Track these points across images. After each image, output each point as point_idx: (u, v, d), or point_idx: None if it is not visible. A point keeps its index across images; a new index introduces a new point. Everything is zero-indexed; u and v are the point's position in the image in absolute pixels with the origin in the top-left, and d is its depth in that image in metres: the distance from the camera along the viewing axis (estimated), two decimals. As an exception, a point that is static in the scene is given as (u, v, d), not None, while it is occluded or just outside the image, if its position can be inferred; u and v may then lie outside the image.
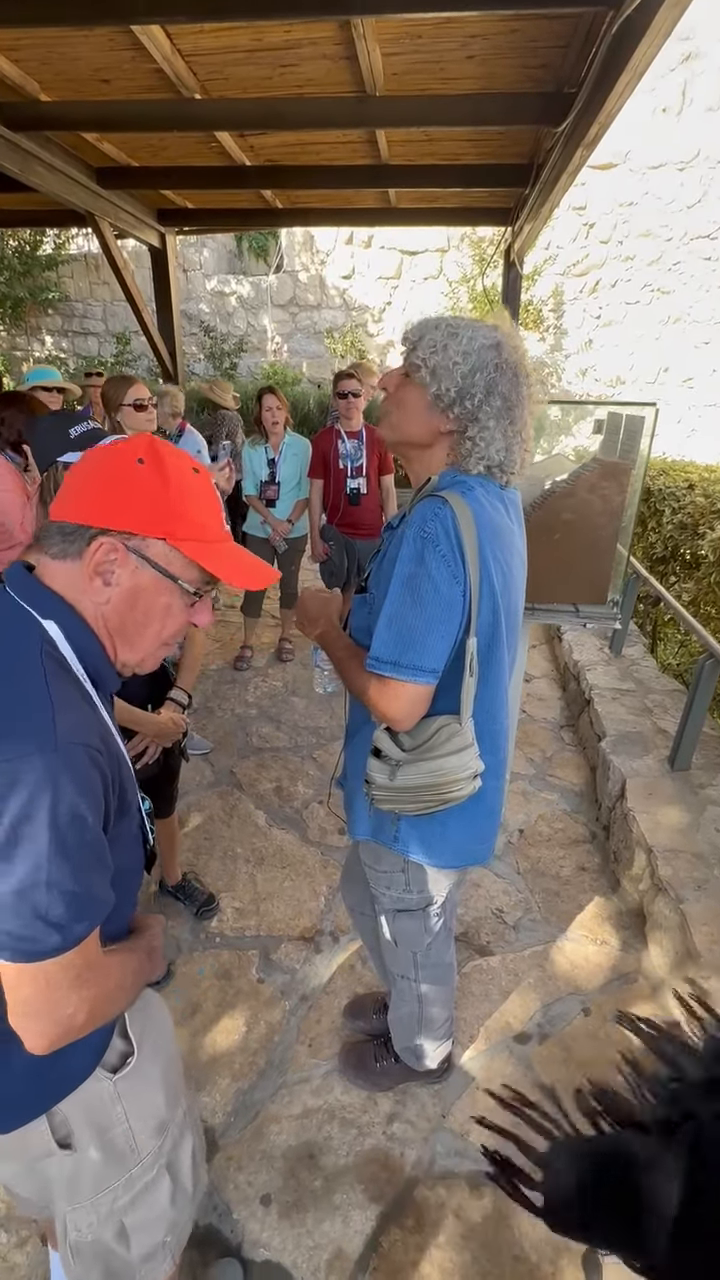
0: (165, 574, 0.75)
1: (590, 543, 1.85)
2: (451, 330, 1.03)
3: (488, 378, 1.02)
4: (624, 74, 2.18)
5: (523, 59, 2.75)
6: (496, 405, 1.03)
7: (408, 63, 2.80)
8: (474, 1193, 1.44)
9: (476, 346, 1.02)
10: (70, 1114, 0.83)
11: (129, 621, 0.77)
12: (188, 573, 0.77)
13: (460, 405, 1.03)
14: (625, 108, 2.50)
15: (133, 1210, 0.88)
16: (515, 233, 4.64)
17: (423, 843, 1.21)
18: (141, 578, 0.75)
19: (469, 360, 1.01)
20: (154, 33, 2.54)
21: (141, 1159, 0.88)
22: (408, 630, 0.99)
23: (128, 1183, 0.87)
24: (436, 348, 1.02)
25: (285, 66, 2.85)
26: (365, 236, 8.54)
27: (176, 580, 0.76)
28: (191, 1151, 0.98)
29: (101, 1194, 0.86)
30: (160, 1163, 0.91)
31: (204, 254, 9.19)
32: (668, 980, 1.86)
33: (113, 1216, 0.87)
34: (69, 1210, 0.86)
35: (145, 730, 1.68)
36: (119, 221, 4.58)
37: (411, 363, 1.06)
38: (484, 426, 1.03)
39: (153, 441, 0.77)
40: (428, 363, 1.03)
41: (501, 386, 1.03)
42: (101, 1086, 0.84)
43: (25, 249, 8.93)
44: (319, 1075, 1.67)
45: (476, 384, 1.02)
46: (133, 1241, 0.89)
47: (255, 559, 0.86)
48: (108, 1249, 0.88)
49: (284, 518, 3.65)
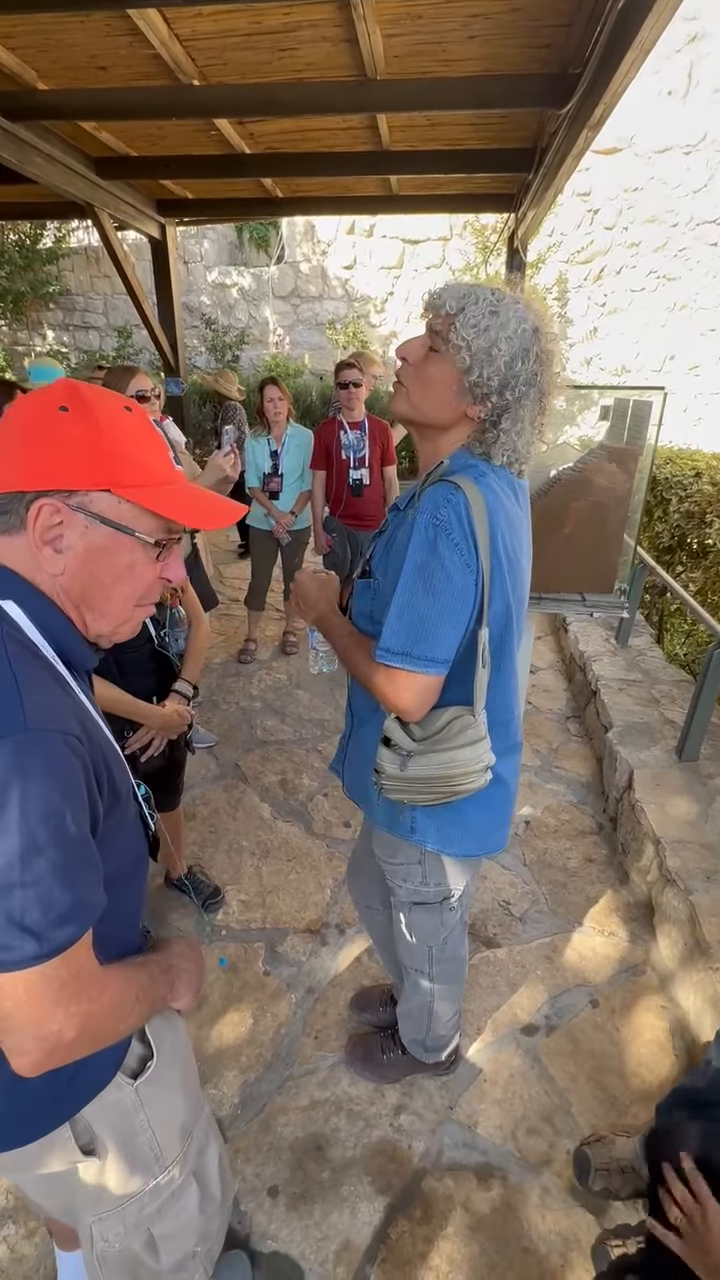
0: (119, 528, 0.68)
1: (597, 531, 1.83)
2: (493, 309, 0.94)
3: (529, 368, 0.96)
4: (630, 51, 2.13)
5: (526, 39, 2.69)
6: (533, 396, 0.98)
7: (409, 44, 2.76)
8: (482, 1184, 1.44)
9: (520, 331, 0.95)
10: (93, 1121, 0.80)
11: (91, 588, 0.70)
12: (142, 522, 0.70)
13: (499, 395, 0.97)
14: (630, 90, 2.45)
15: (160, 1219, 0.86)
16: (519, 219, 4.58)
17: (441, 832, 1.18)
18: (94, 537, 0.68)
19: (512, 346, 0.94)
20: (151, 17, 2.50)
21: (167, 1166, 0.86)
22: (419, 620, 0.96)
23: (154, 1191, 0.85)
24: (479, 328, 0.93)
25: (284, 50, 2.81)
26: (367, 225, 8.46)
27: (133, 533, 0.69)
28: (218, 1157, 0.96)
29: (128, 1203, 0.84)
30: (187, 1169, 0.89)
31: (204, 245, 9.12)
32: (676, 973, 1.84)
33: (140, 1226, 0.85)
34: (95, 1221, 0.84)
35: (150, 723, 1.67)
36: (118, 212, 4.55)
37: (449, 339, 0.95)
38: (518, 419, 0.98)
39: (72, 384, 0.69)
40: (469, 341, 0.94)
41: (540, 377, 0.98)
42: (123, 1093, 0.81)
43: (26, 243, 8.88)
44: (325, 1067, 1.67)
45: (519, 374, 0.96)
46: (162, 1251, 0.87)
47: (213, 496, 0.78)
48: (136, 1259, 0.86)
49: (287, 510, 3.62)
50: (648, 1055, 1.70)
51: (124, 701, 1.61)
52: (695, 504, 3.75)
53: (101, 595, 0.71)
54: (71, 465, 0.66)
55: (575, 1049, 1.72)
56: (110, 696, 1.57)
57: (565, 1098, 1.60)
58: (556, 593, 1.91)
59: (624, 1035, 1.75)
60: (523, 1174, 1.46)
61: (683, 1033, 1.74)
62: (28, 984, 0.60)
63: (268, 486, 3.58)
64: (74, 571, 0.69)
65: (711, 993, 1.63)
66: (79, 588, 0.70)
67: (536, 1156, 1.49)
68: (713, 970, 1.64)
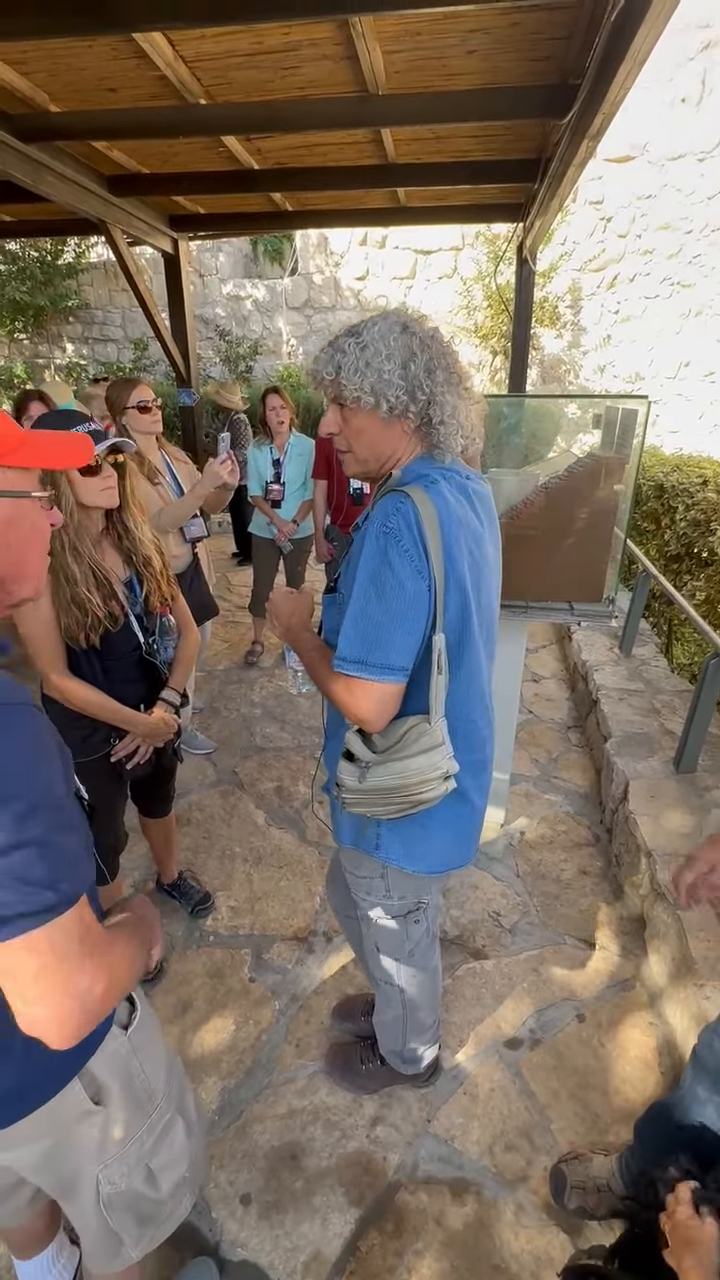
0: (16, 495, 0.73)
1: (585, 540, 1.82)
2: (359, 342, 1.00)
3: (422, 361, 1.00)
4: (624, 62, 2.13)
5: (525, 51, 2.71)
6: (441, 378, 1.01)
7: (409, 60, 2.79)
8: (456, 1199, 1.42)
9: (392, 341, 1.00)
10: (98, 1072, 0.87)
11: (14, 560, 0.75)
12: (25, 482, 0.74)
13: (415, 400, 1.01)
14: (643, 99, 2.47)
15: (156, 1153, 0.95)
16: (527, 228, 4.59)
17: (405, 847, 1.19)
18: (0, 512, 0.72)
19: (395, 358, 0.99)
20: (155, 40, 2.56)
21: (158, 1104, 0.95)
22: (373, 628, 0.98)
23: (149, 1128, 0.94)
24: (360, 368, 0.99)
25: (287, 69, 2.86)
26: (379, 237, 8.54)
27: (29, 494, 0.74)
28: (190, 1090, 1.06)
29: (129, 1144, 0.91)
30: (172, 1104, 0.97)
31: (220, 259, 9.28)
32: (666, 989, 1.81)
33: (140, 1162, 0.93)
34: (101, 1169, 0.90)
35: (136, 730, 1.69)
36: (131, 228, 4.65)
37: (346, 396, 1.02)
38: (444, 404, 1.01)
39: None
40: (363, 386, 0.99)
41: (436, 360, 1.01)
42: (119, 1043, 0.89)
43: (47, 258, 9.11)
44: (305, 1076, 1.66)
45: (416, 372, 1.00)
46: (160, 1181, 0.95)
47: (62, 435, 0.83)
48: (138, 1194, 0.94)
49: (289, 518, 3.65)
50: (633, 1073, 1.67)
51: (109, 708, 1.63)
52: (701, 512, 3.71)
53: (22, 563, 0.76)
54: None
55: (559, 1064, 1.69)
56: (96, 702, 1.60)
57: (545, 1114, 1.58)
58: (544, 601, 1.90)
59: (609, 1051, 1.72)
60: (498, 1190, 1.44)
61: (670, 1051, 1.71)
62: (50, 940, 0.61)
63: (269, 495, 3.62)
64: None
65: (696, 1010, 1.59)
66: (3, 565, 0.74)
67: (513, 1173, 1.47)
68: (698, 987, 1.61)
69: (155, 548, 1.71)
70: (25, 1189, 1.01)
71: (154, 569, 1.69)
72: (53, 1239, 1.20)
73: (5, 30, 2.30)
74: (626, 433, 1.81)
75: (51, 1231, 1.19)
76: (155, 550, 1.70)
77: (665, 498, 4.12)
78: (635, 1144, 1.34)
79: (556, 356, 8.68)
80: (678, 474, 4.12)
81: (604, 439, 2.13)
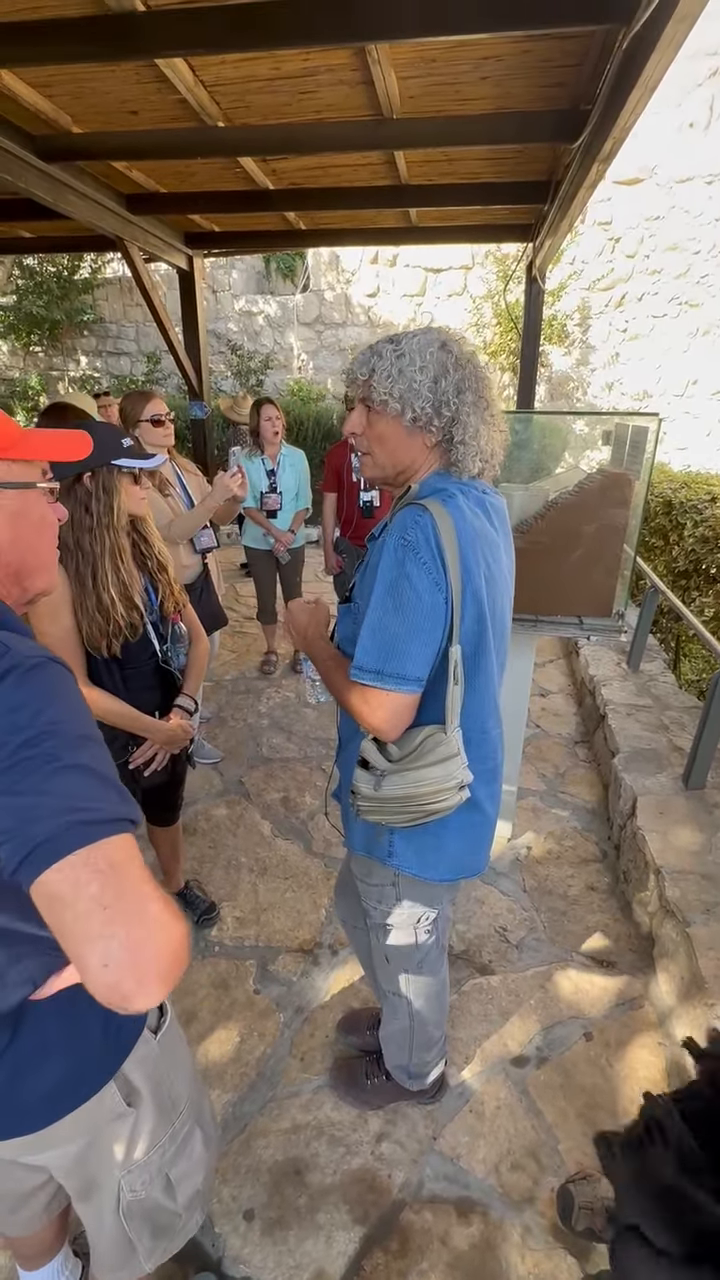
0: (23, 486, 0.75)
1: (594, 555, 1.83)
2: (396, 351, 1.03)
3: (453, 379, 1.02)
4: (635, 90, 2.18)
5: (537, 78, 2.77)
6: (470, 400, 1.03)
7: (423, 85, 2.86)
8: (462, 1219, 1.40)
9: (429, 355, 1.02)
10: (131, 1074, 0.88)
11: (25, 551, 0.77)
12: (30, 474, 0.77)
13: (439, 416, 1.03)
14: (652, 123, 2.51)
15: (176, 1162, 0.95)
16: (536, 248, 4.66)
17: (418, 856, 1.19)
18: (9, 504, 0.74)
19: (428, 372, 1.01)
20: (177, 65, 2.64)
21: (180, 1111, 0.95)
22: (390, 639, 0.99)
23: (171, 1136, 0.94)
24: (393, 374, 1.02)
25: (304, 93, 2.93)
26: (390, 255, 8.66)
27: (34, 485, 0.77)
28: (208, 1100, 1.06)
29: (153, 1151, 0.91)
30: (191, 1114, 0.97)
31: (233, 275, 9.43)
32: (675, 1009, 1.79)
33: (161, 1171, 0.93)
34: (124, 1175, 0.90)
35: (154, 737, 1.70)
36: (148, 245, 4.74)
37: (374, 399, 1.05)
38: (467, 425, 1.03)
39: None
40: (392, 392, 1.02)
41: (467, 381, 1.03)
42: (150, 1047, 0.90)
43: (63, 274, 9.28)
44: (309, 1090, 1.65)
45: (445, 389, 1.02)
46: (178, 1191, 0.95)
47: (58, 430, 0.86)
48: (156, 1204, 0.93)
49: (285, 529, 3.69)
50: (641, 1094, 1.65)
51: (128, 715, 1.64)
52: (710, 529, 3.72)
53: (35, 555, 0.78)
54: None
55: (566, 1083, 1.67)
56: (115, 710, 1.61)
57: (553, 1133, 1.56)
58: (554, 615, 1.91)
59: (617, 1071, 1.70)
60: (505, 1211, 1.42)
61: (679, 1072, 1.69)
62: (110, 858, 0.56)
63: (265, 505, 3.64)
64: (8, 544, 0.75)
65: (704, 1030, 1.57)
66: (17, 557, 0.76)
67: (520, 1193, 1.45)
68: (707, 1006, 1.59)
69: (166, 556, 1.74)
70: (43, 1194, 1.01)
71: (167, 576, 1.72)
72: (60, 1249, 1.19)
73: (34, 56, 2.38)
74: (637, 449, 1.82)
75: (60, 1241, 1.18)
76: (166, 558, 1.74)
77: (674, 514, 4.13)
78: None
79: (564, 373, 8.75)
80: (686, 491, 4.13)
81: (614, 455, 2.14)
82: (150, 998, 0.54)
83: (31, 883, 0.56)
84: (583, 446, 7.24)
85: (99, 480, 1.49)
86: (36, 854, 0.55)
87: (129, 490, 1.53)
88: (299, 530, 3.74)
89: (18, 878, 0.57)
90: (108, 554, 1.50)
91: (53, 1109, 0.81)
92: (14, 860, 0.56)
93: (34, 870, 0.56)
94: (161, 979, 0.55)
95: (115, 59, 2.53)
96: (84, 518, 1.49)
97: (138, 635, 1.60)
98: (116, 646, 1.56)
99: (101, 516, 1.50)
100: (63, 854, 0.55)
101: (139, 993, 0.54)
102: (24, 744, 0.59)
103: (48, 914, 0.56)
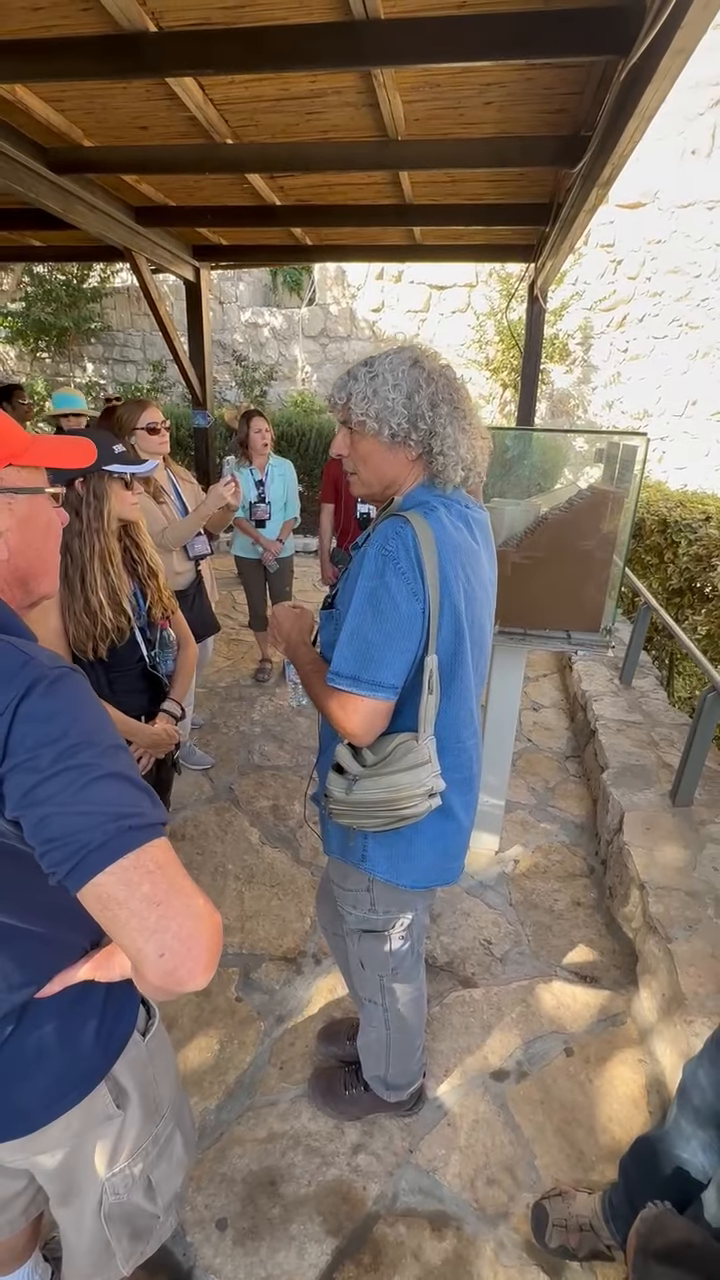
0: (33, 491, 0.76)
1: (583, 570, 1.85)
2: (370, 372, 1.07)
3: (426, 394, 1.05)
4: (633, 118, 2.24)
5: (539, 104, 2.84)
6: (445, 412, 1.06)
7: (428, 109, 2.92)
8: (435, 1234, 1.39)
9: (401, 374, 1.05)
10: (121, 1076, 0.88)
11: (33, 558, 0.78)
12: (38, 480, 0.78)
13: (416, 430, 1.06)
14: (655, 149, 2.57)
15: (157, 1165, 0.95)
16: (538, 269, 4.74)
17: (390, 862, 1.20)
18: (19, 510, 0.75)
19: (401, 389, 1.05)
20: (187, 84, 2.70)
21: (163, 1114, 0.95)
22: (367, 646, 1.01)
23: (154, 1139, 0.94)
24: (367, 395, 1.06)
25: (311, 113, 3.00)
26: (395, 271, 8.78)
27: (43, 491, 0.78)
28: (187, 1103, 1.06)
29: (137, 1153, 0.92)
30: (173, 1117, 0.97)
31: (240, 287, 9.55)
32: (656, 1025, 1.79)
33: (143, 1174, 0.93)
34: (109, 1177, 0.90)
35: (139, 741, 1.71)
36: (155, 257, 4.81)
37: (353, 420, 1.09)
38: (444, 436, 1.06)
39: None
40: (369, 412, 1.06)
41: (441, 394, 1.06)
42: (139, 1050, 0.90)
43: (72, 282, 9.40)
44: (287, 1099, 1.64)
45: (419, 404, 1.05)
46: (158, 1194, 0.95)
47: (65, 438, 0.86)
48: (136, 1208, 0.93)
49: (273, 538, 3.72)
50: (620, 1111, 1.64)
51: (114, 719, 1.65)
52: (703, 547, 3.75)
53: (41, 560, 0.79)
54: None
55: (545, 1098, 1.67)
56: None
57: (530, 1149, 1.55)
58: (542, 629, 1.93)
59: (597, 1087, 1.70)
60: (479, 1225, 1.41)
61: (659, 1089, 1.68)
62: (157, 859, 0.61)
63: (254, 515, 3.68)
64: (17, 549, 0.76)
65: (685, 1047, 1.57)
66: (24, 562, 0.77)
67: (495, 1208, 1.44)
68: (687, 1024, 1.59)
69: (157, 562, 1.76)
70: (22, 1199, 1.01)
71: (157, 582, 1.73)
72: (32, 1254, 1.18)
73: (48, 72, 2.43)
74: (627, 467, 1.85)
75: (33, 1245, 1.18)
76: (158, 564, 1.75)
77: (668, 532, 4.17)
78: (620, 1181, 1.32)
79: (565, 391, 8.85)
80: (681, 510, 4.17)
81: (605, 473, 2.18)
82: (201, 981, 0.60)
83: (81, 886, 0.60)
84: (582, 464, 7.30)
85: (90, 485, 1.51)
86: (89, 860, 0.59)
87: (120, 495, 1.55)
88: (287, 539, 3.77)
89: (66, 882, 0.60)
90: (97, 558, 1.52)
91: (47, 1110, 0.81)
92: (64, 867, 0.60)
93: (86, 874, 0.59)
94: (210, 965, 0.61)
95: (126, 77, 2.58)
96: (74, 522, 1.51)
97: (124, 639, 1.61)
98: (103, 650, 1.57)
99: (92, 521, 1.52)
100: (114, 858, 0.59)
101: (190, 979, 0.60)
102: (61, 755, 0.61)
103: (100, 913, 0.60)
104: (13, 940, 0.74)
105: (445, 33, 2.17)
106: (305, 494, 4.27)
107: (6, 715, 0.61)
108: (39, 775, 0.60)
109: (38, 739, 0.61)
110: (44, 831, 0.60)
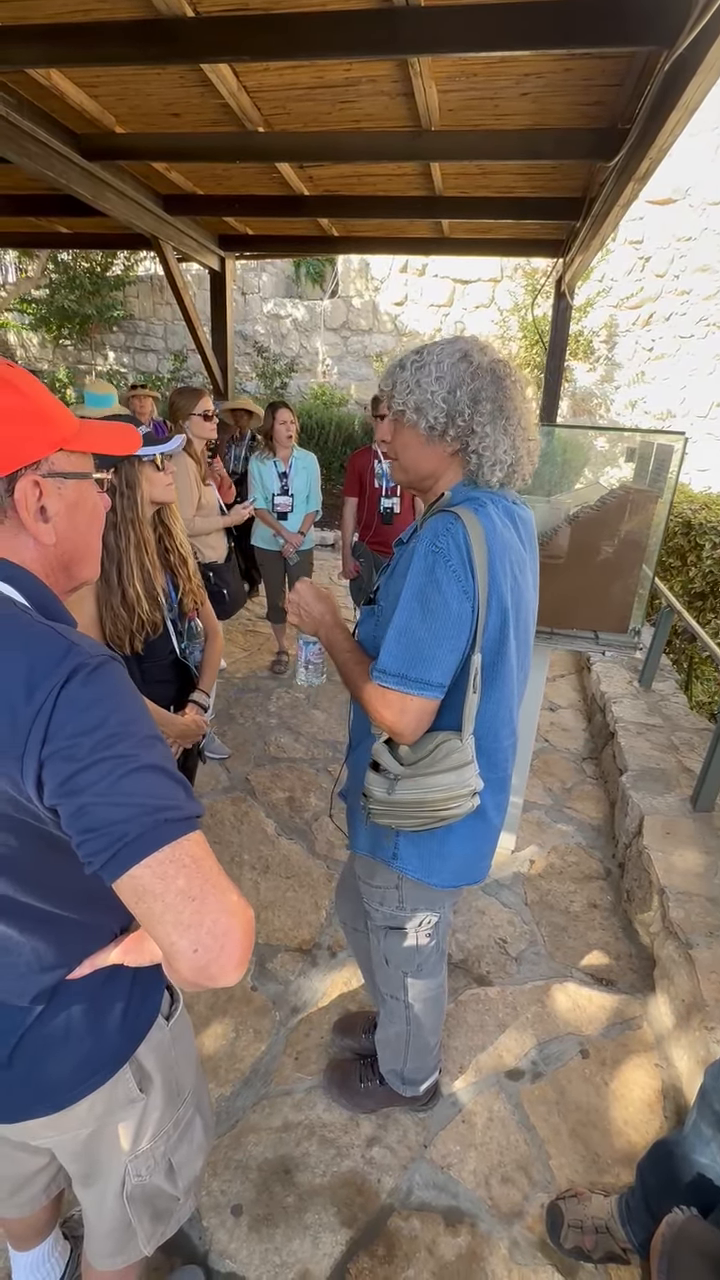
0: (82, 477, 0.76)
1: (613, 570, 1.83)
2: (418, 363, 1.06)
3: (469, 389, 1.03)
4: (675, 111, 2.19)
5: (577, 96, 2.79)
6: (487, 410, 1.04)
7: (463, 99, 2.88)
8: (449, 1229, 1.40)
9: (446, 366, 1.04)
10: (145, 1059, 0.88)
11: (79, 543, 0.78)
12: (85, 465, 0.77)
13: (453, 425, 1.04)
14: (687, 145, 2.52)
15: (178, 1148, 0.96)
16: (566, 264, 4.67)
17: (421, 860, 1.20)
18: (68, 495, 0.75)
19: (444, 382, 1.03)
20: (221, 70, 2.68)
21: (185, 1098, 0.96)
22: (416, 644, 0.99)
23: (176, 1122, 0.95)
24: (410, 386, 1.05)
25: (344, 102, 2.97)
26: (419, 264, 8.71)
27: (90, 476, 0.78)
28: (206, 1087, 1.07)
29: (159, 1136, 0.93)
30: (193, 1101, 0.98)
31: (263, 278, 9.52)
32: (673, 1031, 1.78)
33: (164, 1156, 0.94)
34: (131, 1160, 0.91)
35: (169, 731, 1.71)
36: (182, 245, 4.80)
37: (395, 409, 1.09)
38: (483, 436, 1.04)
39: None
40: (409, 403, 1.05)
41: (485, 392, 1.04)
42: (163, 1033, 0.91)
43: (96, 270, 9.42)
44: (302, 1090, 1.65)
45: (460, 399, 1.03)
46: (179, 1177, 0.96)
47: (112, 424, 0.85)
48: (157, 1189, 0.94)
49: (295, 530, 3.72)
50: (635, 1115, 1.64)
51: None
52: (729, 551, 3.69)
53: (85, 545, 0.79)
54: (28, 437, 0.70)
55: (560, 1099, 1.66)
56: None
57: (545, 1149, 1.55)
58: (570, 629, 1.91)
59: (612, 1091, 1.69)
60: (493, 1223, 1.41)
61: (674, 1095, 1.67)
62: (192, 853, 0.60)
63: (276, 507, 3.67)
64: (64, 533, 0.75)
65: (704, 1054, 1.56)
66: (70, 547, 0.77)
67: (509, 1207, 1.44)
68: (707, 1030, 1.58)
69: (187, 549, 1.75)
70: (43, 1177, 1.02)
71: (187, 569, 1.73)
72: (52, 1231, 1.20)
73: (83, 57, 2.42)
74: (661, 467, 1.82)
75: (52, 1224, 1.19)
76: (188, 551, 1.75)
77: (692, 535, 4.12)
78: (637, 1184, 1.31)
79: (588, 389, 8.74)
80: (706, 512, 4.11)
81: (637, 473, 2.14)
82: (234, 977, 0.60)
83: (117, 878, 0.59)
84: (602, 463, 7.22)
85: (122, 475, 1.50)
86: (126, 851, 0.59)
87: (152, 478, 1.53)
88: (308, 532, 3.77)
89: (102, 873, 0.60)
90: (133, 548, 1.51)
91: (72, 1090, 0.82)
92: (100, 857, 0.59)
93: (123, 866, 0.59)
94: (242, 962, 0.61)
95: (161, 63, 2.57)
96: (108, 514, 1.51)
97: (159, 632, 1.62)
98: (139, 643, 1.57)
99: (126, 511, 1.50)
100: (150, 850, 0.59)
101: (223, 975, 0.60)
102: (98, 744, 0.60)
103: (134, 905, 0.60)
104: (47, 924, 0.75)
105: (486, 21, 2.14)
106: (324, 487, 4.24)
107: (50, 701, 0.61)
108: (77, 764, 0.60)
109: (76, 727, 0.61)
110: (81, 821, 0.60)
